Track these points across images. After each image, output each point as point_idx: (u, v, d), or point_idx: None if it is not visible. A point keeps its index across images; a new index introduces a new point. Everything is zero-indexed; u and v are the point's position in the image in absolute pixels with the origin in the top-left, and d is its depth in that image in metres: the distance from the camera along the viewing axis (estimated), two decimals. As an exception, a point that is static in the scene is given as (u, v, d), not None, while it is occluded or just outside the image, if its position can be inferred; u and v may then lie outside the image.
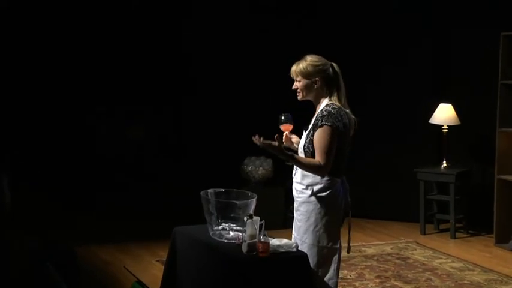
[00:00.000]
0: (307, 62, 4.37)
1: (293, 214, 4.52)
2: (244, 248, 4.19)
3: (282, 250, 4.24)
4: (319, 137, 4.25)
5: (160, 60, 8.82)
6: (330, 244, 4.38)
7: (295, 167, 4.44)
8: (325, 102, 4.37)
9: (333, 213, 4.38)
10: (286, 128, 4.55)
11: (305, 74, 4.37)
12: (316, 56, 4.41)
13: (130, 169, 8.80)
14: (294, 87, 4.43)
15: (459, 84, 8.30)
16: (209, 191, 4.55)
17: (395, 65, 8.54)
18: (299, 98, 4.45)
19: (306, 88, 4.39)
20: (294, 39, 8.37)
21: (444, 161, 8.05)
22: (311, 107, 4.49)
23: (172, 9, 8.82)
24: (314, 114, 4.41)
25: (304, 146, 4.35)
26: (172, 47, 8.85)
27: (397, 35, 8.52)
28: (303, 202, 4.38)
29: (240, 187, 5.07)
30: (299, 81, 4.40)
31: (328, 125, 4.24)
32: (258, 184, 8.24)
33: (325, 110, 4.29)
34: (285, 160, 4.32)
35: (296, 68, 4.39)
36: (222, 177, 7.21)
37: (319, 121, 4.27)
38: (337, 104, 4.34)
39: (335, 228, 4.41)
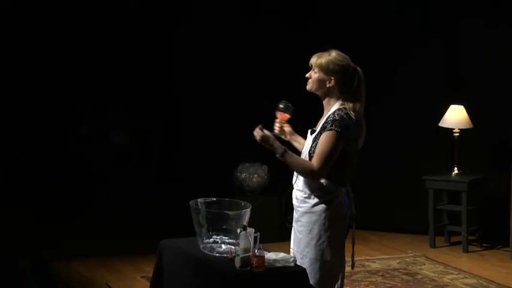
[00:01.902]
0: (330, 58, 4.37)
1: (291, 225, 4.51)
2: (237, 263, 4.17)
3: (279, 265, 4.21)
4: (324, 140, 4.26)
5: (150, 65, 8.86)
6: (334, 259, 4.37)
7: (295, 173, 4.43)
8: (337, 105, 4.36)
9: (338, 225, 4.38)
10: (281, 117, 4.53)
11: (323, 69, 4.36)
12: (342, 55, 4.41)
13: (113, 178, 8.79)
14: (307, 75, 4.43)
15: (471, 83, 8.32)
16: (199, 200, 4.53)
17: (401, 65, 8.56)
18: (307, 87, 4.44)
19: (318, 83, 4.39)
20: (291, 43, 8.38)
21: (455, 168, 8.06)
22: (319, 110, 4.49)
23: (165, 12, 8.86)
24: (322, 116, 4.42)
25: (310, 150, 4.35)
26: (162, 52, 8.90)
27: (402, 33, 8.53)
28: (305, 212, 4.39)
29: (232, 196, 5.07)
30: (314, 73, 4.40)
31: (337, 130, 4.24)
32: (253, 193, 8.23)
33: (338, 115, 4.29)
34: (277, 154, 4.31)
35: (316, 61, 4.39)
36: (213, 185, 7.21)
37: (329, 124, 4.27)
38: (352, 111, 4.32)
39: (340, 242, 4.41)
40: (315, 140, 4.33)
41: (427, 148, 8.46)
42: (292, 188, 4.49)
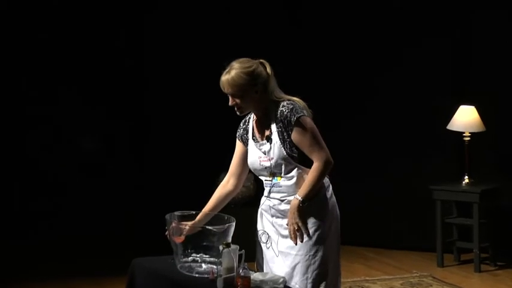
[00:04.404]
0: (237, 70, 4.50)
1: (257, 238, 4.63)
2: (219, 285, 4.19)
3: (267, 287, 4.24)
4: (302, 131, 4.43)
5: (120, 62, 8.97)
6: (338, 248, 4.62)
7: (269, 181, 4.56)
8: (276, 104, 4.50)
9: (337, 212, 4.60)
10: (179, 240, 4.55)
11: (242, 84, 4.49)
12: (244, 60, 4.58)
13: (77, 188, 8.83)
14: (231, 103, 4.55)
15: (484, 81, 8.35)
16: (176, 213, 4.56)
17: (406, 60, 8.59)
18: (241, 114, 4.59)
19: (248, 101, 4.52)
20: (279, 43, 8.43)
21: (466, 177, 8.08)
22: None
23: (133, 7, 9.02)
24: (264, 122, 4.56)
25: (286, 153, 4.46)
26: (131, 52, 9.04)
27: (406, 27, 8.57)
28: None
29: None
30: (238, 97, 4.50)
31: (302, 115, 4.44)
32: (237, 205, 8.23)
33: (289, 104, 4.47)
34: (303, 203, 4.41)
35: (229, 80, 4.51)
36: (191, 196, 7.18)
37: (290, 117, 4.43)
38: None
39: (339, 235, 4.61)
40: (284, 141, 4.45)
41: (434, 154, 8.48)
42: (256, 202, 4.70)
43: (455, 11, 8.45)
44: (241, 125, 4.73)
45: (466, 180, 8.07)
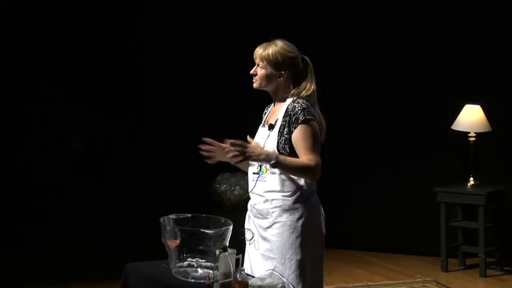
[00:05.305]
0: (278, 48, 4.55)
1: (243, 237, 4.63)
2: (216, 290, 4.16)
3: (265, 292, 4.21)
4: (305, 133, 4.43)
5: (119, 62, 9.04)
6: (320, 258, 4.54)
7: (256, 175, 4.59)
8: (290, 97, 4.53)
9: (321, 221, 4.55)
10: (174, 244, 4.52)
11: (272, 62, 4.54)
12: (289, 44, 4.61)
13: (77, 188, 8.85)
14: (252, 72, 4.59)
15: (489, 80, 8.34)
16: (171, 216, 4.54)
17: (409, 60, 8.60)
18: (255, 86, 4.61)
19: (267, 79, 4.56)
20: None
21: (471, 178, 8.08)
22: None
23: (133, 7, 9.14)
24: (271, 108, 4.62)
25: (277, 146, 4.47)
26: (130, 52, 9.11)
27: (409, 26, 8.57)
28: (286, 210, 4.49)
29: (210, 212, 5.09)
30: (262, 68, 4.55)
31: (312, 119, 4.45)
32: (234, 208, 8.21)
33: (303, 103, 4.48)
34: (270, 166, 4.40)
35: (263, 52, 4.56)
36: (187, 199, 7.20)
37: (300, 115, 4.43)
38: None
39: (323, 243, 4.56)
40: (281, 134, 4.47)
41: (438, 155, 8.46)
42: (248, 198, 4.69)
43: (462, 11, 8.46)
44: (265, 110, 4.76)
45: (472, 182, 8.07)
